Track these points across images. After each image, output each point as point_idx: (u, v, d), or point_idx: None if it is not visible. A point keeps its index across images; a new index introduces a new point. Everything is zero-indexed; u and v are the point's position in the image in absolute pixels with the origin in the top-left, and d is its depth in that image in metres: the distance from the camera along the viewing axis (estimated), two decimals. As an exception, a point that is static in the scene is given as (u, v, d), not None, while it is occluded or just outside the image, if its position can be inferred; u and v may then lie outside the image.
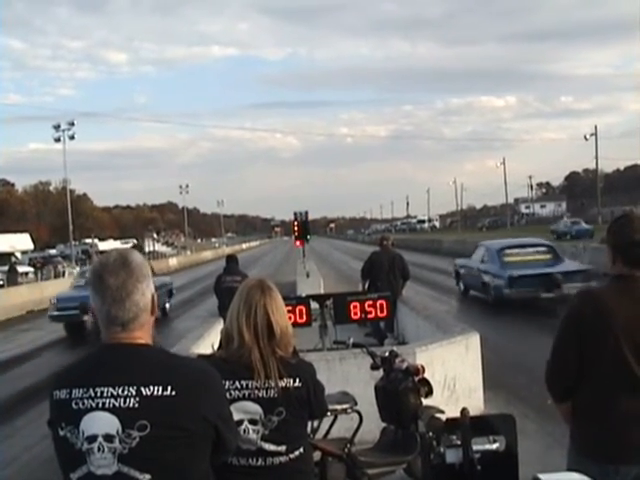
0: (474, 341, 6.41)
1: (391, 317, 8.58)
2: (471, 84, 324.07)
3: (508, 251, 14.52)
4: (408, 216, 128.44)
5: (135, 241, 72.20)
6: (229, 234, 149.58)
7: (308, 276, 17.55)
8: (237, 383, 2.29)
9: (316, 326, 7.47)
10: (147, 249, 64.25)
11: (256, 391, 2.28)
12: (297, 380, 2.31)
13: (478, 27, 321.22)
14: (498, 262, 14.23)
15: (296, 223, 19.63)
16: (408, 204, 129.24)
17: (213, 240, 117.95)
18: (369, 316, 7.45)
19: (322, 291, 14.49)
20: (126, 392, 1.63)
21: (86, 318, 14.61)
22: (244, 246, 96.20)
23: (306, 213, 19.91)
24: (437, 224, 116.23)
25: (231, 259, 10.56)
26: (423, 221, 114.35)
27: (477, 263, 15.44)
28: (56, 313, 15.20)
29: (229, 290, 9.56)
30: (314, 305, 7.43)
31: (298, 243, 20.67)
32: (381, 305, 7.35)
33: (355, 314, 7.31)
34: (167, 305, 17.81)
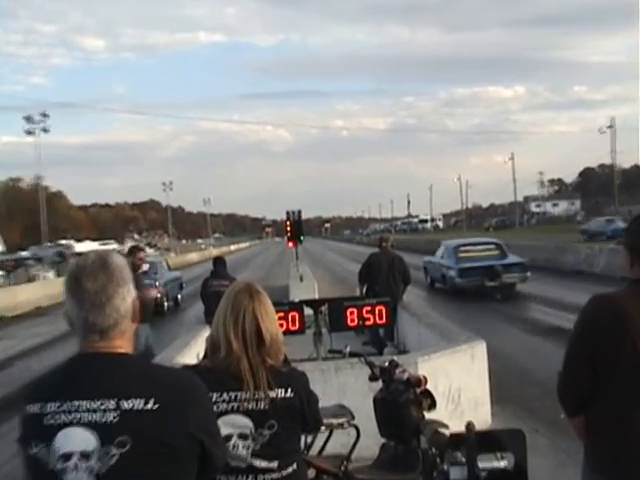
0: (480, 350, 6.42)
1: (391, 324, 8.59)
2: (477, 73, 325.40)
3: (462, 248, 18.73)
4: (409, 215, 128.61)
5: (129, 241, 72.02)
6: (216, 235, 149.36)
7: (301, 280, 17.55)
8: (225, 395, 2.28)
9: (310, 334, 7.46)
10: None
11: (245, 403, 2.28)
12: (289, 390, 2.31)
13: (481, 11, 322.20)
14: (454, 257, 18.30)
15: (288, 223, 19.66)
16: (409, 202, 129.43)
17: (199, 241, 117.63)
18: (367, 323, 7.44)
19: (316, 296, 14.49)
20: (104, 406, 1.62)
21: None
22: (232, 248, 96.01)
23: (299, 212, 19.94)
24: (440, 224, 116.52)
25: (218, 262, 10.54)
26: (425, 221, 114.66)
27: (439, 259, 19.67)
28: None
29: (216, 295, 9.45)
30: (308, 311, 7.42)
31: (291, 244, 20.71)
32: (380, 311, 7.34)
33: (352, 321, 7.30)
34: (179, 296, 21.25)
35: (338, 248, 67.06)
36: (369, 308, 7.34)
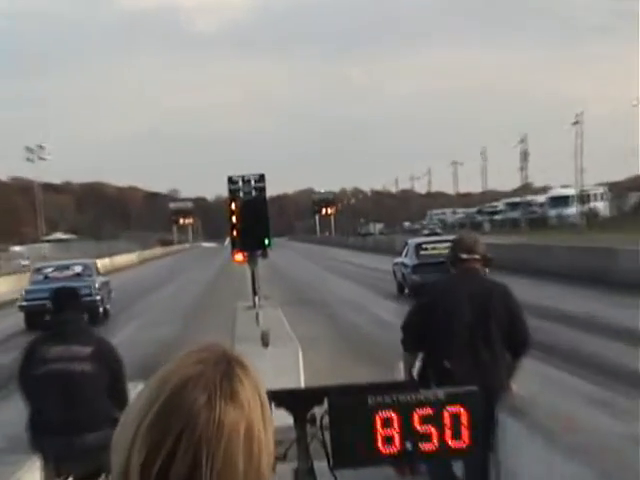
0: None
1: (483, 450, 8.63)
2: None
3: (425, 246, 44.48)
4: (525, 186, 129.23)
5: None
6: (59, 234, 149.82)
7: (266, 344, 17.58)
8: None
9: (288, 471, 7.53)
10: None
11: None
12: None
13: None
14: (414, 255, 43.58)
15: (234, 206, 19.76)
16: (526, 157, 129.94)
17: (16, 250, 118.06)
18: (425, 447, 7.49)
19: (302, 383, 14.59)
20: None
21: None
22: (100, 264, 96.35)
23: (260, 181, 20.05)
24: (602, 206, 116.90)
25: (63, 301, 10.59)
26: (564, 199, 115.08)
27: (402, 258, 45.26)
28: (25, 303, 39.73)
29: (56, 380, 9.58)
30: (283, 418, 7.48)
31: (240, 256, 20.80)
32: (455, 419, 7.39)
33: (387, 443, 7.35)
34: (107, 307, 42.24)
35: (353, 268, 67.26)
36: (430, 412, 7.38)
